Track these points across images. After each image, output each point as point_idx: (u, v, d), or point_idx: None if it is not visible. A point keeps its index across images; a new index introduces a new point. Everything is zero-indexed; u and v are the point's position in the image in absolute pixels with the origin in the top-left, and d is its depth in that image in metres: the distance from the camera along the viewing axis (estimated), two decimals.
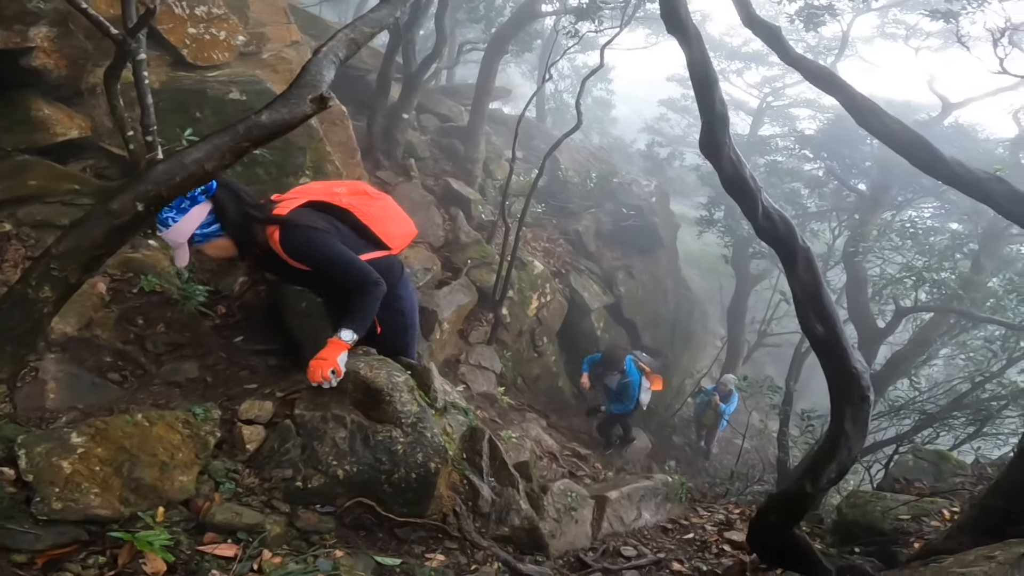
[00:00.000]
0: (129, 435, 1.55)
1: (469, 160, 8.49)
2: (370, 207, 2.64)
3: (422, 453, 1.94)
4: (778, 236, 2.34)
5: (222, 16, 4.65)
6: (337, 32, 1.96)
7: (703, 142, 2.54)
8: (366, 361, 2.21)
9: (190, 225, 2.16)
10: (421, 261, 6.14)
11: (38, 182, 3.41)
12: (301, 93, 1.67)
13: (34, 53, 3.35)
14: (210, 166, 1.53)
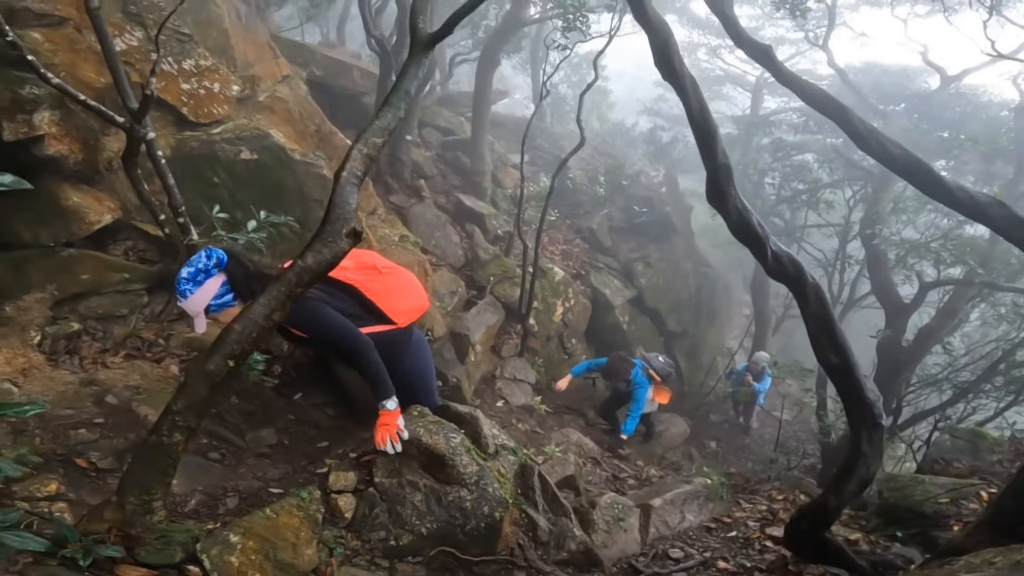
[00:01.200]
0: (266, 527, 1.90)
1: (477, 173, 8.66)
2: (376, 282, 2.78)
3: (487, 506, 2.23)
4: (788, 276, 2.55)
5: (211, 67, 4.69)
6: (350, 150, 2.06)
7: (709, 192, 2.69)
8: (424, 426, 2.49)
9: (206, 296, 2.36)
10: (446, 284, 6.39)
11: (90, 275, 3.63)
12: (337, 229, 1.86)
13: (45, 141, 3.45)
14: (277, 316, 1.80)
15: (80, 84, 3.58)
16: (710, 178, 2.73)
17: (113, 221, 3.81)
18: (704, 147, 2.76)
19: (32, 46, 3.39)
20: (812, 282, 2.60)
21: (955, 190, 2.98)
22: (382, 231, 5.94)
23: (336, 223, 1.88)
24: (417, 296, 2.98)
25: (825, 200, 10.19)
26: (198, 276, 2.37)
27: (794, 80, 4.29)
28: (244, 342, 1.76)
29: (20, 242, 3.49)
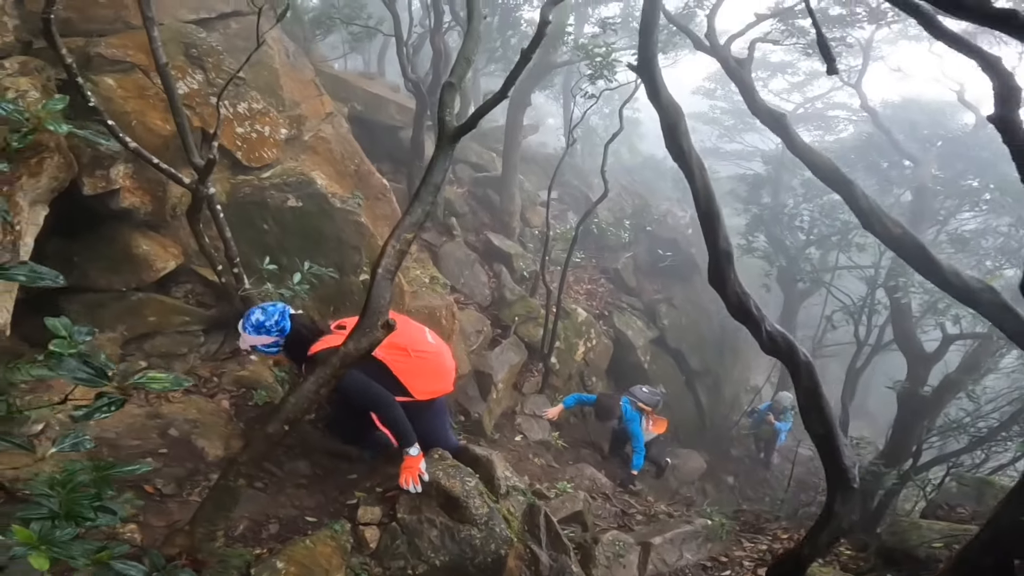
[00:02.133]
0: (305, 555, 2.25)
1: (506, 212, 9.02)
2: (404, 363, 3.08)
3: (494, 543, 2.53)
4: (782, 352, 2.78)
5: (262, 110, 5.09)
6: (384, 246, 2.40)
7: (711, 275, 2.90)
8: (444, 469, 2.81)
9: (257, 342, 2.98)
10: (472, 323, 6.72)
11: (155, 318, 4.05)
12: (373, 322, 2.22)
13: (120, 194, 3.85)
14: (323, 391, 2.21)
15: (148, 131, 4.00)
16: (712, 262, 2.92)
17: (177, 267, 4.22)
18: (707, 232, 2.96)
19: (106, 92, 3.89)
20: (804, 359, 2.81)
21: (949, 274, 3.15)
22: (413, 272, 6.33)
23: (372, 316, 2.24)
24: (442, 380, 3.24)
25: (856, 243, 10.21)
26: (260, 328, 2.94)
27: (805, 151, 4.51)
28: (297, 411, 2.16)
29: (95, 287, 3.94)
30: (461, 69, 2.83)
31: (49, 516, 1.40)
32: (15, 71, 3.46)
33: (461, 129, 2.60)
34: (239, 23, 5.82)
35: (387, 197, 6.63)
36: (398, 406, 2.87)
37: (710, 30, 5.88)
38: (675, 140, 3.21)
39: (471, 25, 3.06)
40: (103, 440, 2.99)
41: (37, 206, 3.35)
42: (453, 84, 2.73)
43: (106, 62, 4.06)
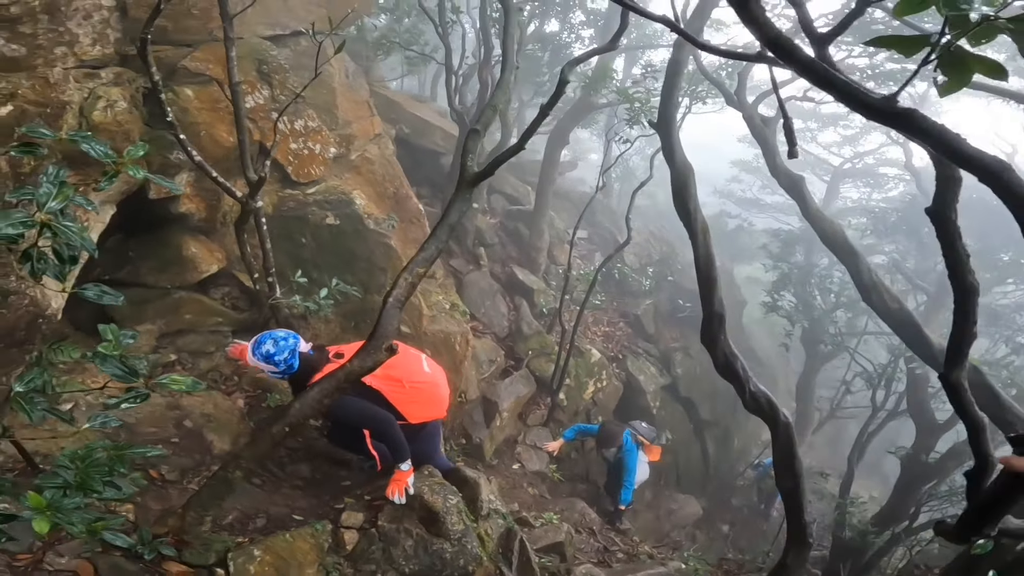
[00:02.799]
0: (283, 548, 2.45)
1: (534, 248, 9.23)
2: (399, 393, 3.23)
3: (463, 560, 2.70)
4: (764, 412, 2.92)
5: (316, 129, 5.35)
6: (398, 278, 2.60)
7: (703, 334, 3.08)
8: (430, 486, 3.00)
9: (260, 367, 3.09)
10: (487, 352, 6.91)
11: (191, 316, 4.34)
12: (378, 345, 2.43)
13: (180, 200, 4.16)
14: (327, 401, 2.43)
15: (214, 143, 4.33)
16: (705, 322, 3.10)
17: (219, 270, 4.54)
18: (704, 293, 3.14)
19: (184, 103, 4.23)
20: (784, 420, 2.94)
21: (937, 351, 3.23)
22: (435, 297, 6.59)
23: (379, 339, 2.45)
24: (436, 407, 3.41)
25: None
26: (269, 359, 3.06)
27: (817, 217, 4.63)
28: (300, 416, 2.39)
29: (143, 283, 4.27)
30: (487, 117, 3.08)
31: (62, 486, 1.63)
32: (109, 81, 3.79)
33: (480, 175, 2.81)
34: (308, 41, 6.22)
35: (420, 222, 6.92)
36: (395, 423, 3.07)
37: (740, 87, 6.07)
38: (683, 201, 3.39)
39: (502, 76, 3.32)
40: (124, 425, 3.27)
41: (106, 206, 3.71)
42: (478, 131, 2.96)
43: (188, 74, 4.42)
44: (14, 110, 3.11)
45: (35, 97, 3.27)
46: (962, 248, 1.68)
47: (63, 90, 3.50)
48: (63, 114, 3.42)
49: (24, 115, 3.19)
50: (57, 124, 3.35)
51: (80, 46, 3.81)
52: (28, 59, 3.57)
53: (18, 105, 3.14)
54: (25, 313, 2.91)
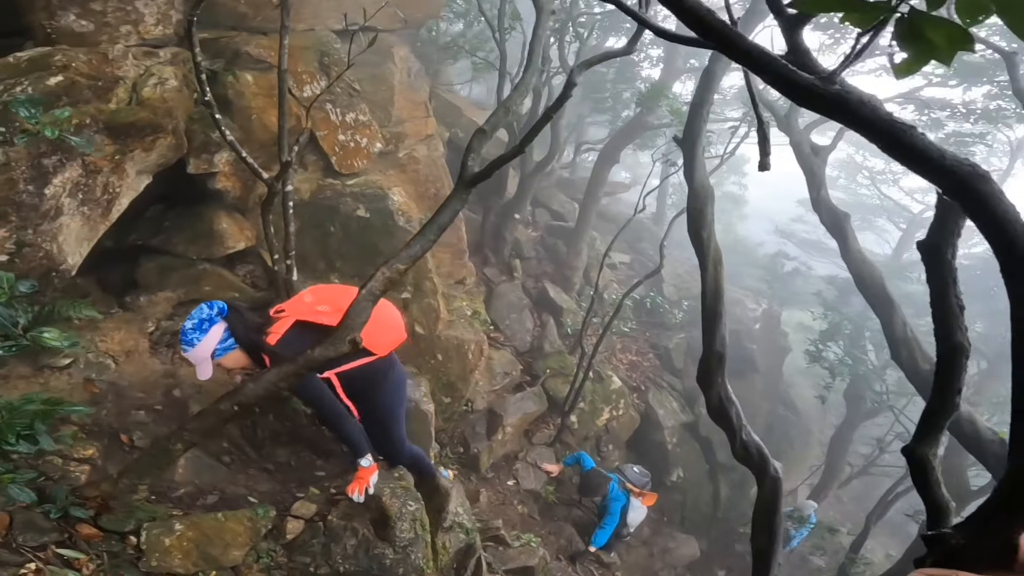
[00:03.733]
0: (211, 526, 2.43)
1: (569, 267, 9.09)
2: None
3: (403, 569, 2.61)
4: (753, 463, 2.71)
5: (366, 123, 5.42)
6: (375, 271, 2.49)
7: (700, 373, 2.89)
8: (392, 489, 2.93)
9: (211, 342, 2.64)
10: (503, 365, 6.80)
11: (211, 288, 4.40)
12: (342, 336, 2.35)
13: (217, 177, 4.27)
14: (283, 385, 2.36)
15: (263, 127, 4.48)
16: (703, 360, 2.90)
17: (246, 247, 4.65)
18: (706, 329, 2.94)
19: (241, 87, 4.43)
20: (773, 474, 2.72)
21: (964, 421, 2.92)
22: (458, 303, 6.56)
23: (344, 331, 2.37)
24: (395, 330, 3.18)
25: None
26: (203, 325, 2.69)
27: (857, 260, 4.32)
28: (252, 396, 2.34)
29: (173, 252, 4.44)
30: (496, 118, 3.01)
31: None
32: (166, 60, 4.00)
33: (478, 176, 2.72)
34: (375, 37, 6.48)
35: (456, 226, 6.93)
36: (350, 418, 2.97)
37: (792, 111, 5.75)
38: (697, 226, 3.20)
39: (522, 78, 3.25)
40: (115, 386, 3.38)
41: (142, 176, 3.82)
42: (485, 132, 2.89)
43: (250, 59, 4.62)
44: (64, 80, 3.29)
45: (88, 71, 3.45)
46: (955, 297, 1.42)
47: (119, 66, 3.69)
48: (114, 88, 3.59)
49: (74, 86, 3.36)
50: (107, 97, 3.52)
51: (144, 25, 4.05)
52: (95, 35, 3.81)
53: (68, 77, 3.31)
54: (38, 265, 3.04)
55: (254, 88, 4.56)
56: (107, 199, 3.52)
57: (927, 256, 1.47)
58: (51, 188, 3.07)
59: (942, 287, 1.43)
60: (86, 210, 3.34)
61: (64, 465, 2.49)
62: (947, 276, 1.44)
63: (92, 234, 3.50)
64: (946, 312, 1.43)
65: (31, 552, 1.91)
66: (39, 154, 3.03)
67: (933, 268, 1.46)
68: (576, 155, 11.51)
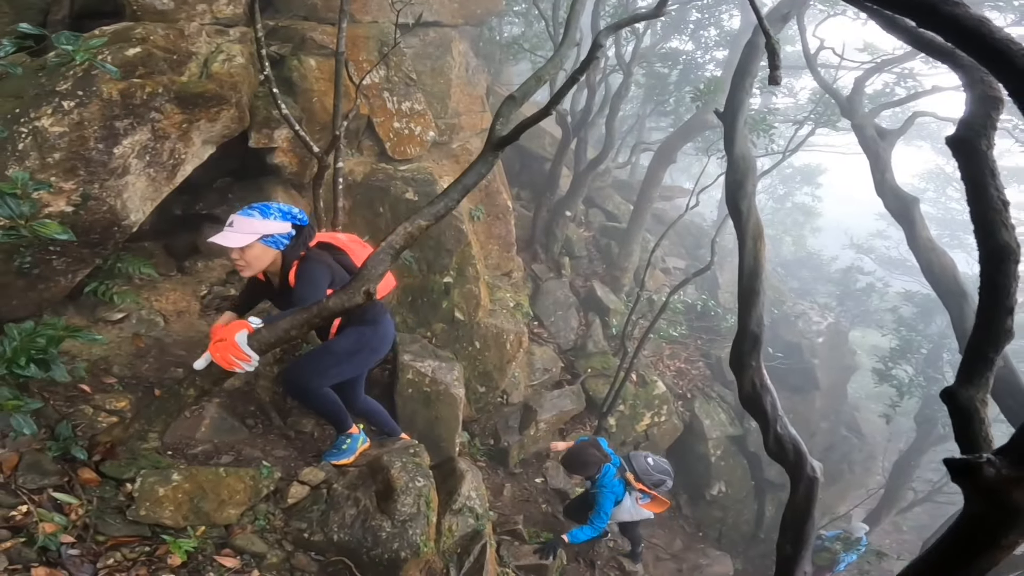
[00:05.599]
0: (209, 480, 2.42)
1: (619, 267, 8.85)
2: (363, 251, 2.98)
3: (398, 544, 2.55)
4: (788, 460, 2.44)
5: (420, 112, 5.60)
6: (398, 228, 2.46)
7: (732, 356, 2.66)
8: (404, 463, 2.88)
9: (272, 228, 2.55)
10: (544, 361, 6.70)
11: None
12: (358, 287, 2.31)
13: (275, 152, 4.43)
14: (295, 332, 2.34)
15: (323, 109, 4.66)
16: (737, 341, 2.66)
17: None
18: (742, 308, 2.70)
19: (305, 71, 4.66)
20: (811, 475, 2.45)
21: None
22: (501, 293, 6.53)
23: (359, 281, 2.34)
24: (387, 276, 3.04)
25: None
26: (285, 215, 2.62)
27: (925, 248, 3.94)
28: (265, 343, 2.31)
29: None
30: (528, 87, 2.95)
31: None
32: (235, 39, 4.21)
33: (504, 140, 2.67)
34: (437, 33, 6.65)
35: (506, 218, 6.95)
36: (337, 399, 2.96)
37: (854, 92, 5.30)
38: (736, 198, 2.97)
39: (558, 49, 3.17)
40: (160, 342, 3.54)
41: (207, 145, 4.01)
42: (515, 98, 2.84)
43: (315, 45, 4.85)
44: (141, 52, 3.52)
45: (164, 44, 3.69)
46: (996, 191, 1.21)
47: (193, 41, 3.94)
48: (187, 62, 3.84)
49: (150, 57, 3.59)
50: (180, 69, 3.76)
51: (218, 4, 4.30)
52: (174, 12, 4.06)
53: (146, 49, 3.54)
54: (102, 218, 3.20)
55: (317, 72, 4.77)
56: (172, 163, 3.70)
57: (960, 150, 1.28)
58: (120, 148, 3.25)
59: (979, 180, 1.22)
60: (152, 172, 3.52)
61: (94, 416, 2.60)
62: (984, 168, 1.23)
63: (156, 195, 3.66)
64: (986, 208, 1.21)
65: (27, 494, 1.96)
66: (112, 116, 3.21)
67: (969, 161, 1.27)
68: (633, 155, 11.23)
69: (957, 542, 1.01)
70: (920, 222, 4.01)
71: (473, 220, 6.27)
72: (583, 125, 7.77)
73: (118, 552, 2.03)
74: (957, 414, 1.22)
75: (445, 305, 5.49)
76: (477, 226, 6.41)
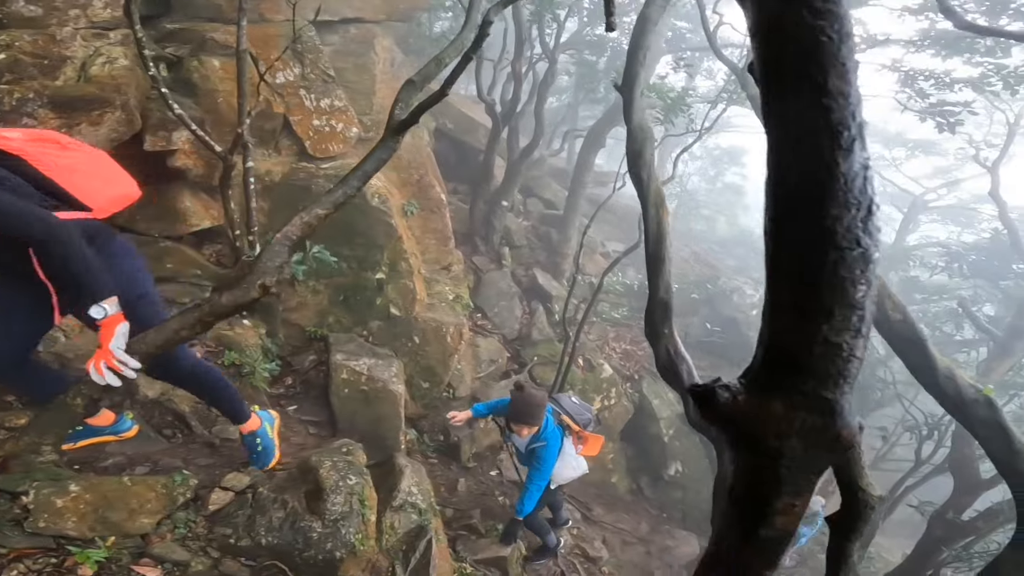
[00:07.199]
0: (113, 490, 2.28)
1: (559, 254, 8.92)
2: (60, 158, 2.16)
3: (331, 544, 2.43)
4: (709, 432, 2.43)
5: (342, 108, 5.43)
6: (294, 218, 2.37)
7: (646, 325, 2.64)
8: (335, 462, 2.76)
9: None
10: (490, 352, 6.65)
11: (173, 265, 4.42)
12: (253, 281, 2.18)
13: (176, 155, 4.23)
14: (184, 333, 2.18)
15: (231, 109, 4.37)
16: (648, 311, 2.64)
17: (213, 226, 4.63)
18: (651, 275, 2.70)
19: (207, 71, 4.47)
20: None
21: (943, 377, 2.64)
22: (439, 287, 6.42)
23: (254, 276, 2.20)
24: (121, 183, 2.45)
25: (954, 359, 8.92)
26: None
27: None
28: (153, 345, 2.13)
29: (135, 231, 4.39)
30: (428, 70, 2.89)
31: None
32: (116, 41, 4.04)
33: (403, 124, 2.63)
34: (359, 29, 6.51)
35: (441, 212, 6.85)
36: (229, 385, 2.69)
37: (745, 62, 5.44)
38: (636, 167, 2.98)
39: (460, 33, 3.12)
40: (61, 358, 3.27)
41: None
42: (414, 82, 2.80)
43: (218, 46, 4.64)
44: (7, 58, 3.40)
45: (32, 50, 3.56)
46: None
47: (68, 46, 3.79)
48: (62, 66, 3.70)
49: (17, 63, 3.46)
50: (54, 74, 3.64)
51: (93, 9, 4.12)
52: (44, 19, 3.89)
53: (11, 55, 3.42)
54: None
55: (221, 73, 4.58)
56: None
57: None
58: None
59: None
60: None
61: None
62: None
63: None
64: None
65: None
66: None
67: None
68: (565, 142, 11.33)
69: (731, 508, 0.76)
70: None
71: (406, 215, 6.14)
72: (512, 114, 7.75)
73: (21, 564, 1.93)
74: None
75: (379, 302, 5.36)
76: (412, 221, 6.29)
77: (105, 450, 2.69)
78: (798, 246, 0.60)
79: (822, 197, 0.55)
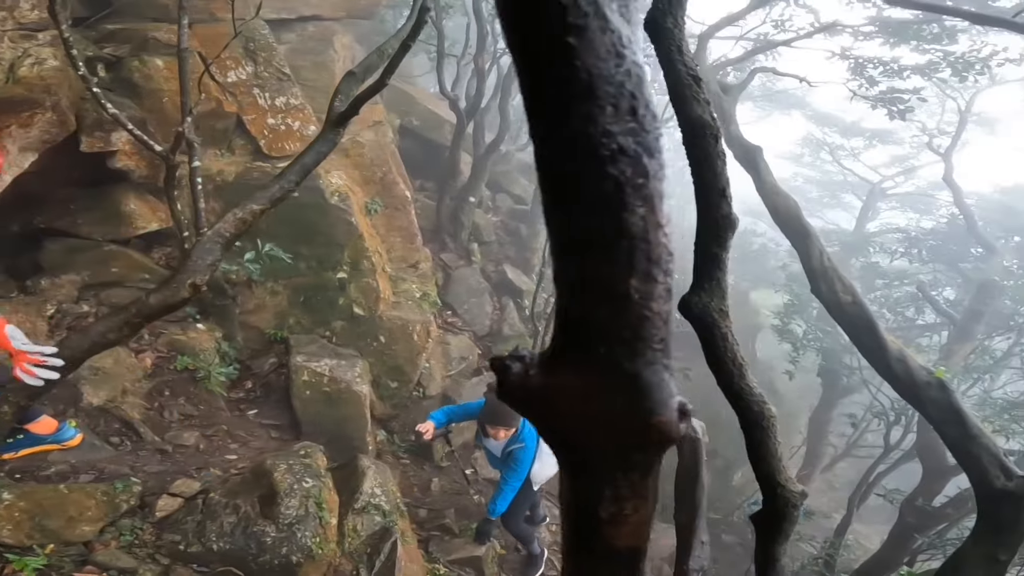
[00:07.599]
0: (49, 498, 2.19)
1: (529, 249, 8.88)
2: None
3: (287, 548, 2.35)
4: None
5: (298, 106, 5.30)
6: (227, 214, 2.30)
7: None
8: (290, 465, 2.67)
9: None
10: (460, 349, 6.56)
11: (119, 269, 4.28)
12: (183, 280, 2.11)
13: (117, 156, 4.09)
14: (111, 336, 2.09)
15: (176, 108, 4.14)
16: None
17: (161, 228, 4.48)
18: None
19: (150, 71, 4.33)
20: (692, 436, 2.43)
21: (894, 360, 2.66)
22: (406, 285, 6.31)
23: (184, 274, 2.13)
24: None
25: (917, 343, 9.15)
26: None
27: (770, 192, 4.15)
28: (77, 350, 2.04)
29: (79, 234, 4.24)
30: (370, 60, 2.83)
31: None
32: (46, 42, 3.89)
33: (343, 115, 2.57)
34: (317, 27, 6.38)
35: (406, 209, 6.74)
36: None
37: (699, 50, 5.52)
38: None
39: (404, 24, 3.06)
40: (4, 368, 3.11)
41: (27, 152, 3.66)
42: (355, 74, 2.74)
43: (161, 45, 4.49)
44: None
45: None
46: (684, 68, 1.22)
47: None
48: None
49: None
50: None
51: (20, 10, 3.96)
52: None
53: None
54: None
55: (165, 72, 4.44)
56: None
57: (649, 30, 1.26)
58: None
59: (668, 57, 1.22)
60: None
61: None
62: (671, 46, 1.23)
63: None
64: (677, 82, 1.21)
65: None
66: None
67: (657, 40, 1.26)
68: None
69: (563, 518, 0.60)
70: (765, 168, 4.22)
71: (370, 213, 6.02)
72: (476, 110, 7.67)
73: None
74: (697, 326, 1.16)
75: (342, 301, 5.24)
76: (376, 219, 6.18)
77: (48, 459, 2.55)
78: (553, 160, 0.41)
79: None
